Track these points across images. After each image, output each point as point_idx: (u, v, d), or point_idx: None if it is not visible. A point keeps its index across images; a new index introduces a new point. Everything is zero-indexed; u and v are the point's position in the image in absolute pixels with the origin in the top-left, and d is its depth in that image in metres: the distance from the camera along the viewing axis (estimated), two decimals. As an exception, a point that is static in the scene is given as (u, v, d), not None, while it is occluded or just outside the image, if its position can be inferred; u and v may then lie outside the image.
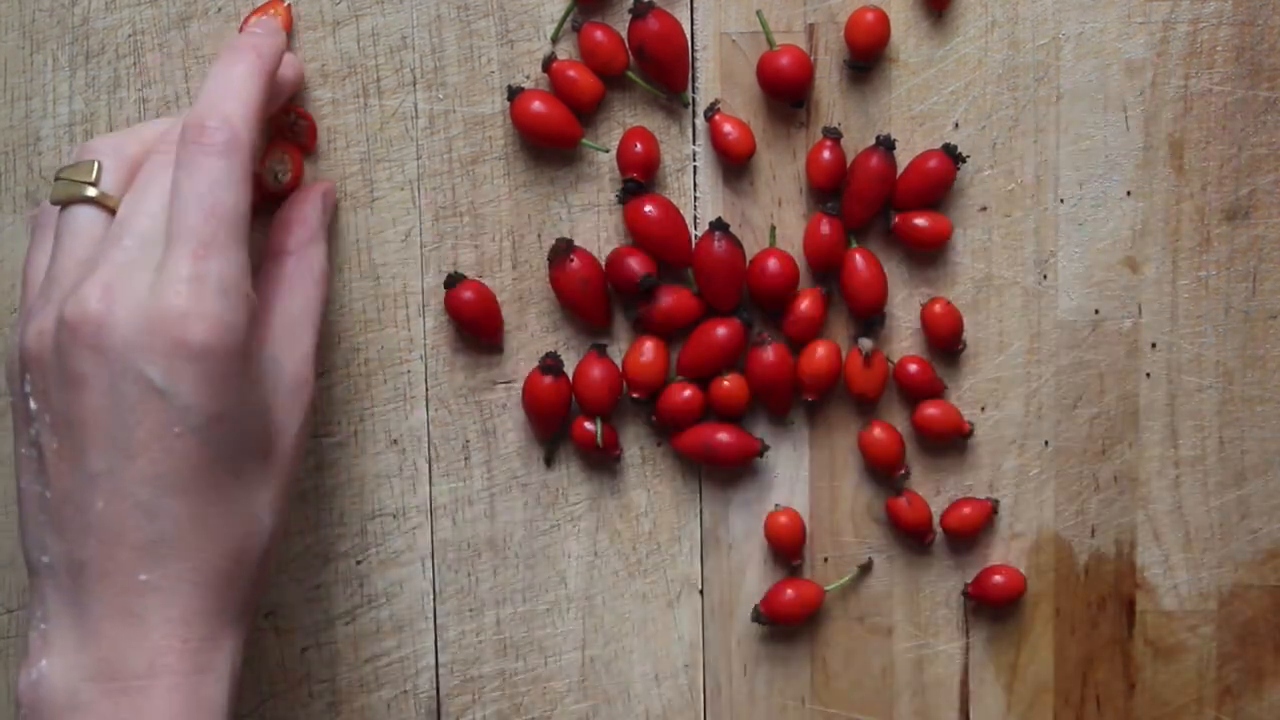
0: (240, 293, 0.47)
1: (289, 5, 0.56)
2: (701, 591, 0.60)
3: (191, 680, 0.47)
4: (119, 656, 0.47)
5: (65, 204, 0.51)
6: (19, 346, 0.49)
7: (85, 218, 0.50)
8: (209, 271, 0.47)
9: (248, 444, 0.49)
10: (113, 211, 0.50)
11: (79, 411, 0.47)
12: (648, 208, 0.57)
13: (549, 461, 0.60)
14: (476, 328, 0.59)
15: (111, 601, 0.47)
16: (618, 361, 0.59)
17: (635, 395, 0.58)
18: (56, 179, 0.51)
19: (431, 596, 0.60)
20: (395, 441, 0.60)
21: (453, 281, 0.59)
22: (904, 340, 0.59)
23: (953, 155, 0.57)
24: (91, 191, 0.50)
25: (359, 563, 0.60)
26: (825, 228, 0.58)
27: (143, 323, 0.46)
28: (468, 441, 0.60)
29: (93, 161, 0.51)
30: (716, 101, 0.58)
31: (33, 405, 0.49)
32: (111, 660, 0.47)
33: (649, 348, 0.58)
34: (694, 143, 0.59)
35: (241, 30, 0.58)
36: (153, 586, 0.47)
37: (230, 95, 0.49)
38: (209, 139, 0.48)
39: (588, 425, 0.59)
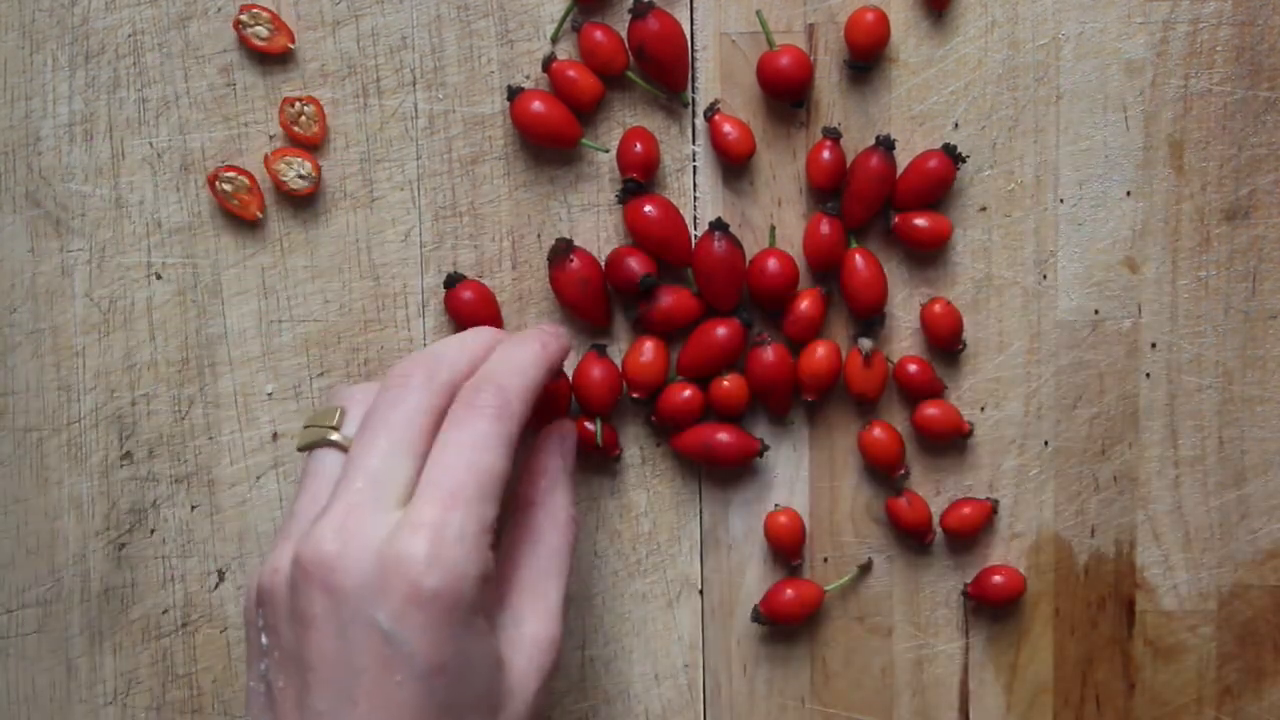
0: (479, 546, 0.47)
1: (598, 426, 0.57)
2: (701, 591, 0.60)
3: None
4: None
5: (310, 449, 0.52)
6: (256, 581, 0.50)
7: (326, 461, 0.51)
8: (451, 521, 0.46)
9: (472, 699, 0.48)
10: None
11: (306, 652, 0.47)
12: (648, 208, 0.57)
13: None
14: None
15: None
16: (618, 361, 0.59)
17: (635, 395, 0.58)
18: (305, 427, 0.53)
19: (431, 596, 0.60)
20: (395, 441, 0.60)
21: (453, 281, 0.59)
22: (904, 340, 0.59)
23: (953, 155, 0.57)
24: (333, 436, 0.51)
25: (359, 563, 0.60)
26: (825, 228, 0.58)
27: (375, 566, 0.46)
28: (467, 441, 0.60)
29: (337, 408, 0.52)
30: (716, 101, 0.58)
31: (264, 640, 0.49)
32: None
33: (649, 348, 0.58)
34: (694, 143, 0.59)
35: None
36: None
37: (511, 370, 0.51)
38: (482, 401, 0.49)
39: (588, 425, 0.59)
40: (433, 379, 0.50)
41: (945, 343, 0.58)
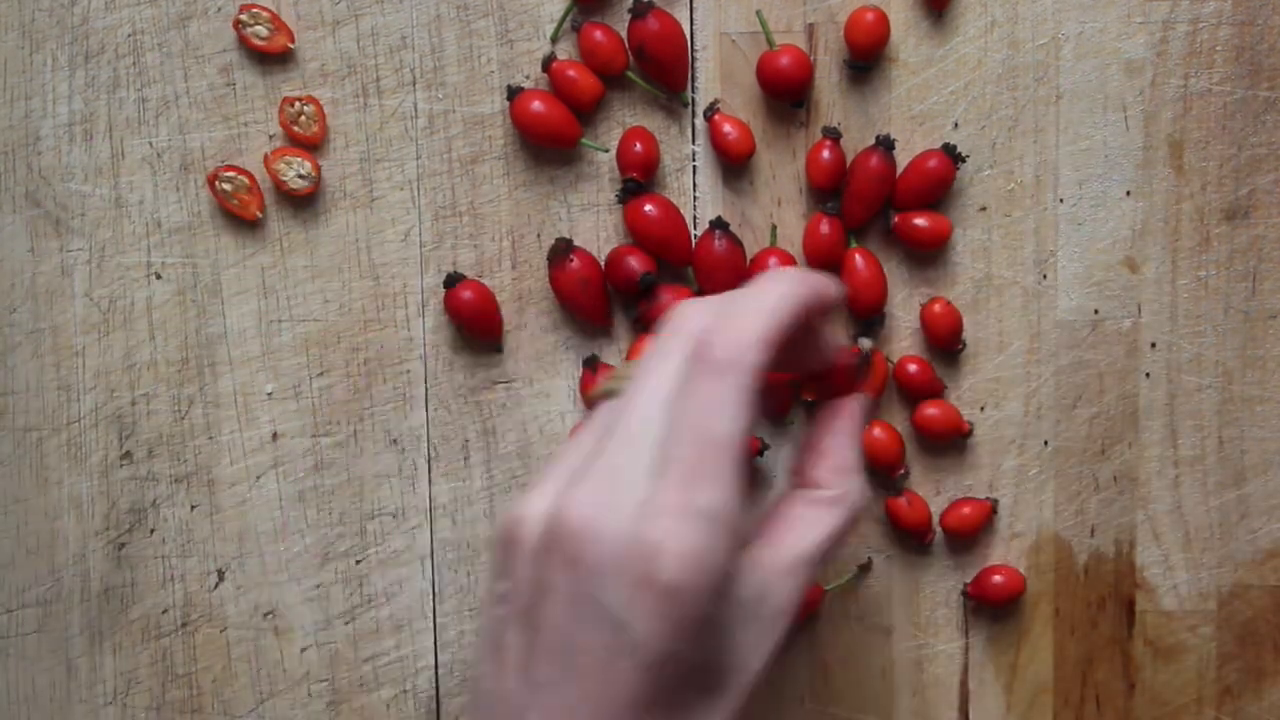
0: (727, 528, 0.44)
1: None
2: None
3: None
4: None
5: (599, 399, 0.49)
6: (502, 525, 0.47)
7: (608, 413, 0.48)
8: (694, 503, 0.44)
9: (697, 680, 0.46)
10: None
11: (538, 617, 0.45)
12: (648, 207, 0.57)
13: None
14: (476, 328, 0.59)
15: None
16: (614, 362, 0.59)
17: (635, 395, 0.58)
18: (606, 378, 0.50)
19: (431, 596, 0.60)
20: (395, 441, 0.60)
21: (453, 281, 0.59)
22: (904, 340, 0.59)
23: (953, 155, 0.57)
24: (616, 389, 0.48)
25: (359, 563, 0.60)
26: (825, 227, 0.58)
27: (617, 545, 0.44)
28: (467, 441, 0.60)
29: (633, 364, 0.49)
30: (716, 101, 0.58)
31: (501, 585, 0.47)
32: None
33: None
34: (694, 143, 0.59)
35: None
36: None
37: (748, 323, 0.45)
38: (710, 358, 0.45)
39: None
40: (739, 358, 0.45)
41: (945, 343, 0.58)
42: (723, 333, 0.45)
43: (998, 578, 0.59)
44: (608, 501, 0.45)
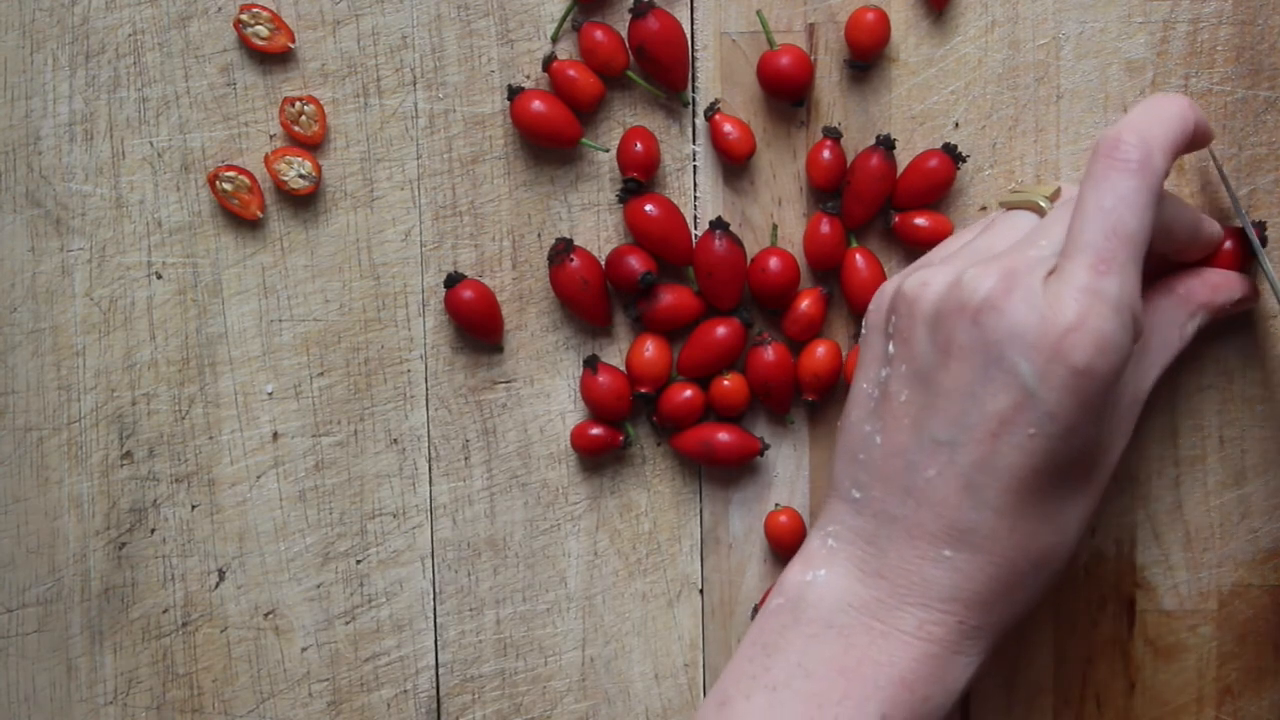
0: (1131, 314, 0.47)
1: None
2: (701, 591, 0.60)
3: (946, 658, 0.48)
4: (894, 604, 0.48)
5: (1014, 208, 0.52)
6: (898, 287, 0.50)
7: (1023, 218, 0.51)
8: (1104, 288, 0.46)
9: (1082, 457, 0.48)
10: None
11: (941, 377, 0.48)
12: (648, 207, 0.57)
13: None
14: (476, 328, 0.59)
15: (909, 560, 0.48)
16: (616, 362, 0.59)
17: (643, 390, 0.58)
18: (1013, 191, 0.53)
19: (431, 596, 0.60)
20: (395, 441, 0.60)
21: (453, 281, 0.59)
22: (904, 340, 0.59)
23: (953, 155, 0.57)
24: (1043, 203, 0.51)
25: (359, 563, 0.60)
26: (825, 227, 0.58)
27: (1031, 320, 0.46)
28: (468, 441, 0.60)
29: (1057, 185, 0.53)
30: (716, 101, 0.58)
31: (890, 348, 0.50)
32: (886, 604, 0.48)
33: (651, 345, 0.58)
34: (694, 142, 0.59)
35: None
36: (953, 565, 0.48)
37: (1155, 122, 0.48)
38: (1122, 155, 0.47)
39: (593, 431, 0.59)
40: (1149, 158, 0.48)
41: (945, 342, 0.58)
42: (1130, 133, 0.47)
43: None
44: (1020, 279, 0.47)
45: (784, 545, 0.59)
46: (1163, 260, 0.55)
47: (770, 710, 0.48)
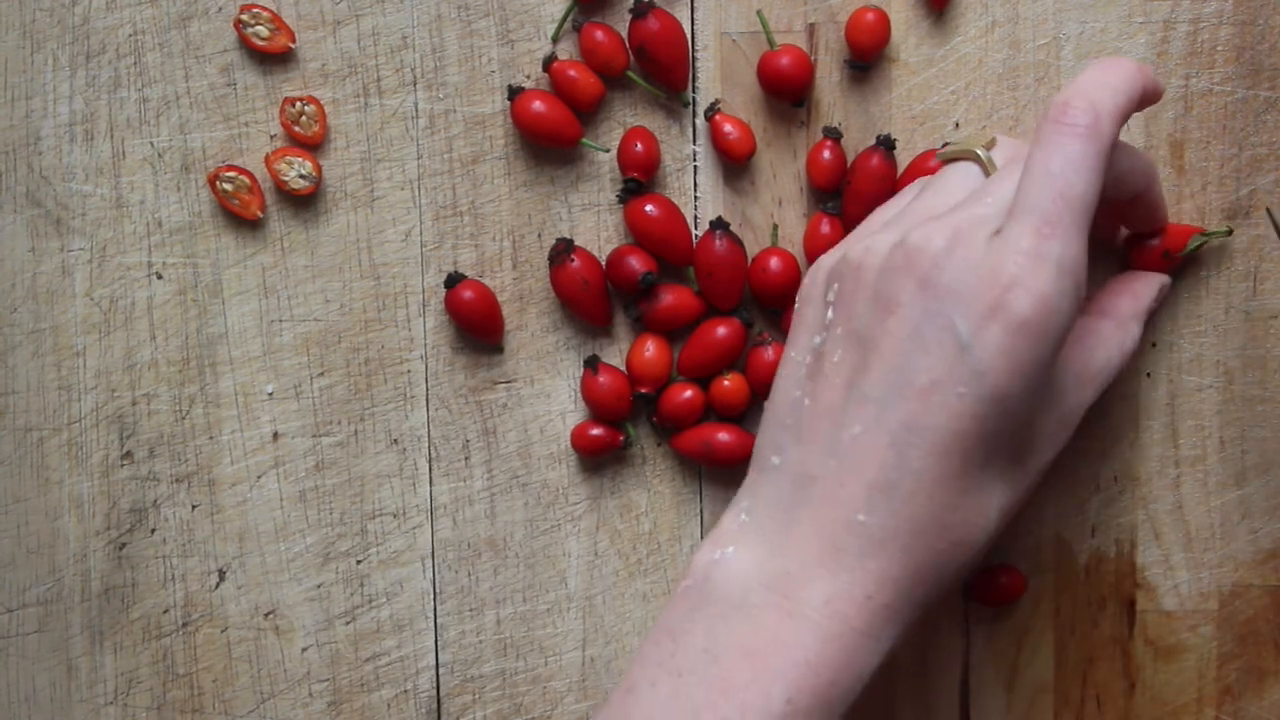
0: (1074, 281, 0.46)
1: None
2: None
3: (853, 640, 0.47)
4: (803, 579, 0.47)
5: (953, 160, 0.52)
6: (840, 257, 0.50)
7: (963, 171, 0.51)
8: (1049, 251, 0.46)
9: (1008, 441, 0.48)
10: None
11: (877, 334, 0.47)
12: (648, 207, 0.57)
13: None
14: (476, 328, 0.59)
15: (822, 526, 0.47)
16: (616, 362, 0.59)
17: (643, 390, 0.58)
18: (945, 145, 0.53)
19: (431, 596, 0.60)
20: (395, 441, 0.60)
21: (453, 281, 0.59)
22: (904, 340, 0.59)
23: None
24: (982, 154, 0.51)
25: (359, 563, 0.60)
26: (826, 227, 0.58)
27: (972, 275, 0.46)
28: (468, 441, 0.60)
29: (994, 138, 0.52)
30: (717, 101, 0.58)
31: (829, 314, 0.49)
32: (794, 577, 0.47)
33: (651, 345, 0.58)
34: (694, 142, 0.59)
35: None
36: (866, 532, 0.47)
37: (1103, 86, 0.48)
38: (1071, 119, 0.47)
39: (593, 432, 0.59)
40: (1097, 122, 0.47)
41: (945, 342, 0.58)
42: (1079, 97, 0.47)
43: (998, 578, 0.59)
44: (965, 238, 0.47)
45: (784, 545, 0.59)
46: (1112, 224, 0.55)
47: (676, 697, 0.47)
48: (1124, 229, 0.57)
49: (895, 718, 0.60)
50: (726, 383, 0.58)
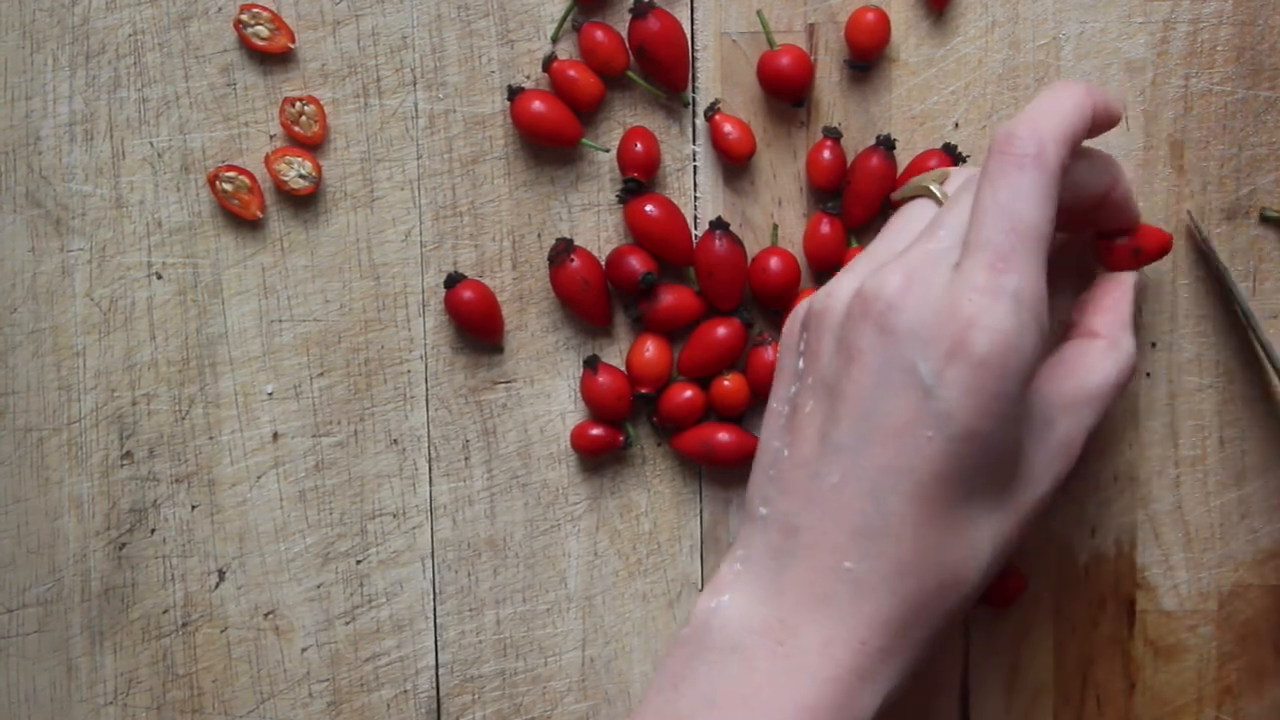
0: (1034, 313, 0.46)
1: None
2: (701, 591, 0.60)
3: (851, 684, 0.47)
4: (795, 624, 0.47)
5: (908, 199, 0.52)
6: (809, 307, 0.50)
7: (919, 208, 0.51)
8: (1004, 286, 0.45)
9: (988, 476, 0.47)
10: None
11: (843, 383, 0.47)
12: (648, 207, 0.57)
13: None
14: (476, 328, 0.59)
15: (810, 574, 0.47)
16: (616, 362, 0.59)
17: (643, 390, 0.58)
18: (909, 183, 0.53)
19: (431, 596, 0.60)
20: (395, 441, 0.60)
21: (453, 281, 0.59)
22: (904, 340, 0.59)
23: (953, 155, 0.57)
24: (934, 189, 0.51)
25: (359, 563, 0.60)
26: (826, 227, 0.58)
27: (930, 317, 0.46)
28: (468, 441, 0.60)
29: (946, 171, 0.52)
30: (716, 101, 0.58)
31: (800, 365, 0.50)
32: (788, 624, 0.47)
33: (651, 345, 0.58)
34: (694, 143, 0.59)
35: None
36: (853, 578, 0.47)
37: (1049, 114, 0.48)
38: (1016, 150, 0.47)
39: (593, 432, 0.59)
40: (1042, 151, 0.47)
41: (945, 342, 0.58)
42: (1024, 127, 0.47)
43: (998, 578, 0.59)
44: (920, 277, 0.47)
45: (784, 545, 0.59)
46: (1082, 226, 0.54)
47: None
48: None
49: (895, 717, 0.60)
50: (727, 383, 0.58)
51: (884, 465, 0.46)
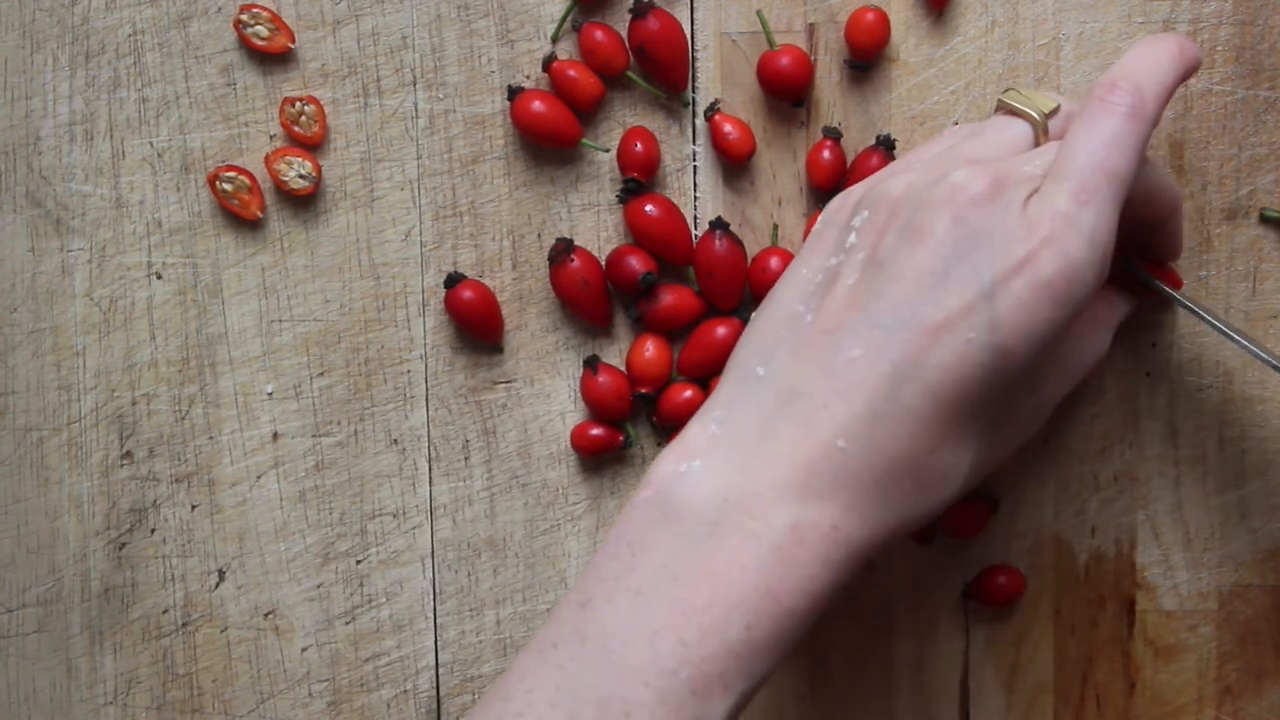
0: (1102, 253, 0.46)
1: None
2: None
3: (817, 567, 0.46)
4: (770, 500, 0.46)
5: (1012, 112, 0.52)
6: (874, 186, 0.50)
7: (1016, 128, 0.51)
8: (1083, 218, 0.46)
9: (994, 402, 0.47)
10: (1037, 143, 0.51)
11: (901, 262, 0.47)
12: (648, 207, 0.57)
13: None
14: (476, 328, 0.59)
15: (799, 446, 0.46)
16: (616, 362, 0.59)
17: (643, 390, 0.58)
18: (1008, 90, 0.52)
19: (431, 596, 0.60)
20: (395, 441, 0.60)
21: (453, 281, 0.59)
22: (904, 340, 0.59)
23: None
24: (1038, 118, 0.51)
25: (359, 563, 0.60)
26: (825, 227, 0.58)
27: (1006, 225, 0.46)
28: (468, 441, 0.60)
29: (1058, 105, 0.52)
30: (716, 101, 0.58)
31: (852, 239, 0.49)
32: (762, 497, 0.46)
33: (651, 345, 0.58)
34: (694, 143, 0.59)
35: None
36: (843, 459, 0.46)
37: (1147, 68, 0.49)
38: (1116, 98, 0.48)
39: (593, 432, 0.59)
40: (1141, 104, 0.48)
41: (945, 342, 0.58)
42: (1125, 79, 0.48)
43: (998, 578, 0.59)
44: (1011, 186, 0.47)
45: (784, 545, 0.59)
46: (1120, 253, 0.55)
47: (635, 616, 0.45)
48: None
49: (895, 717, 0.60)
50: (726, 383, 0.58)
51: (913, 353, 0.46)
